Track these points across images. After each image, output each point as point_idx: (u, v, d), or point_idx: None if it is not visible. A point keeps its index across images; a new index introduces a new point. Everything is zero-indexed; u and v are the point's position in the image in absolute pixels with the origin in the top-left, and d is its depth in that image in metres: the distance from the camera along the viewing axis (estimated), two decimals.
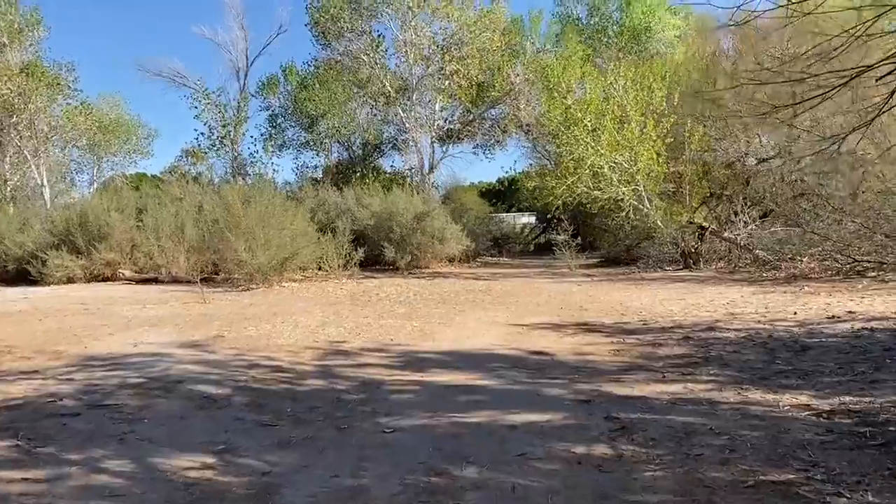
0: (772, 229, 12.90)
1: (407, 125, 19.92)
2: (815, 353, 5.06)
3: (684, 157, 12.29)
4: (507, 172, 33.36)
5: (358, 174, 22.58)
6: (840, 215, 9.63)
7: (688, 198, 12.47)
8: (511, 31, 21.77)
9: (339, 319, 7.72)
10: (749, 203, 14.36)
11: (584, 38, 24.20)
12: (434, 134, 20.80)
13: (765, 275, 11.10)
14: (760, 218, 14.37)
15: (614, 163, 11.92)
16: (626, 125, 11.98)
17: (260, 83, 27.39)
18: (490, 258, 21.06)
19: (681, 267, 12.84)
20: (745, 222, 13.88)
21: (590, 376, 4.73)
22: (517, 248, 24.44)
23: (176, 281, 13.44)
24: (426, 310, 8.50)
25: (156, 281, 14.31)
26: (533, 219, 33.25)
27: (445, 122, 21.91)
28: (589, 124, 11.94)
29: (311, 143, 26.48)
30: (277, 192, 15.45)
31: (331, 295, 10.52)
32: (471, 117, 21.14)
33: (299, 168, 27.55)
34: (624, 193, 12.01)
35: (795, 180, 14.20)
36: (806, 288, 9.02)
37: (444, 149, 22.10)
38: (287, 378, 4.92)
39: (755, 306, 7.73)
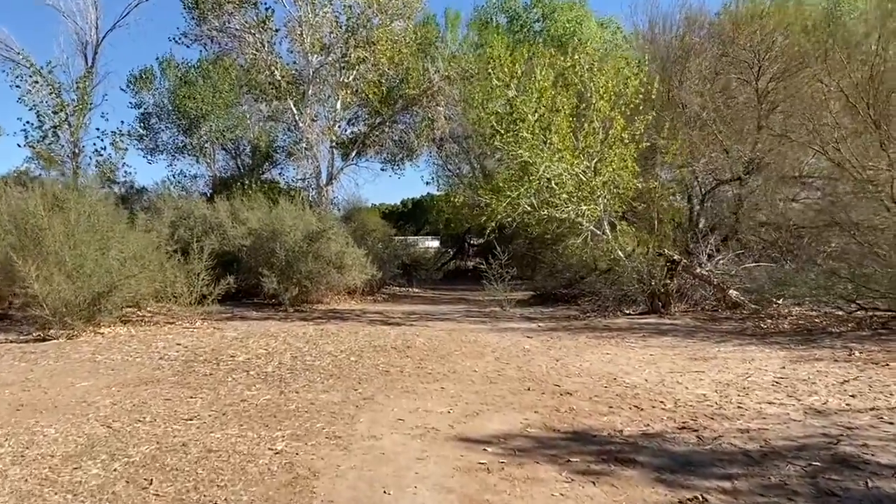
0: (750, 265, 10.55)
1: (301, 125, 16.19)
2: None
3: (655, 171, 9.60)
4: (427, 183, 30.74)
5: (245, 185, 18.54)
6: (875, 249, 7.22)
7: (656, 223, 9.76)
8: (427, 24, 18.77)
9: (130, 432, 4.02)
10: (709, 231, 12.12)
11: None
12: (335, 138, 17.19)
13: (762, 326, 8.56)
14: (721, 243, 12.11)
15: (571, 173, 8.98)
16: (586, 123, 9.10)
17: (131, 76, 22.84)
18: (398, 289, 17.81)
19: (646, 310, 10.09)
20: (708, 254, 11.51)
21: None
22: (428, 275, 21.53)
23: None
24: (308, 395, 5.01)
25: None
26: (437, 243, 30.69)
27: (349, 123, 18.35)
28: (540, 121, 8.95)
29: (190, 148, 22.33)
30: (114, 198, 11.34)
31: (155, 357, 6.65)
32: (379, 120, 17.70)
33: (175, 176, 23.11)
34: (583, 213, 9.09)
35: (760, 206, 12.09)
36: (856, 352, 6.44)
37: (345, 159, 18.54)
38: None
39: (831, 391, 4.93)
